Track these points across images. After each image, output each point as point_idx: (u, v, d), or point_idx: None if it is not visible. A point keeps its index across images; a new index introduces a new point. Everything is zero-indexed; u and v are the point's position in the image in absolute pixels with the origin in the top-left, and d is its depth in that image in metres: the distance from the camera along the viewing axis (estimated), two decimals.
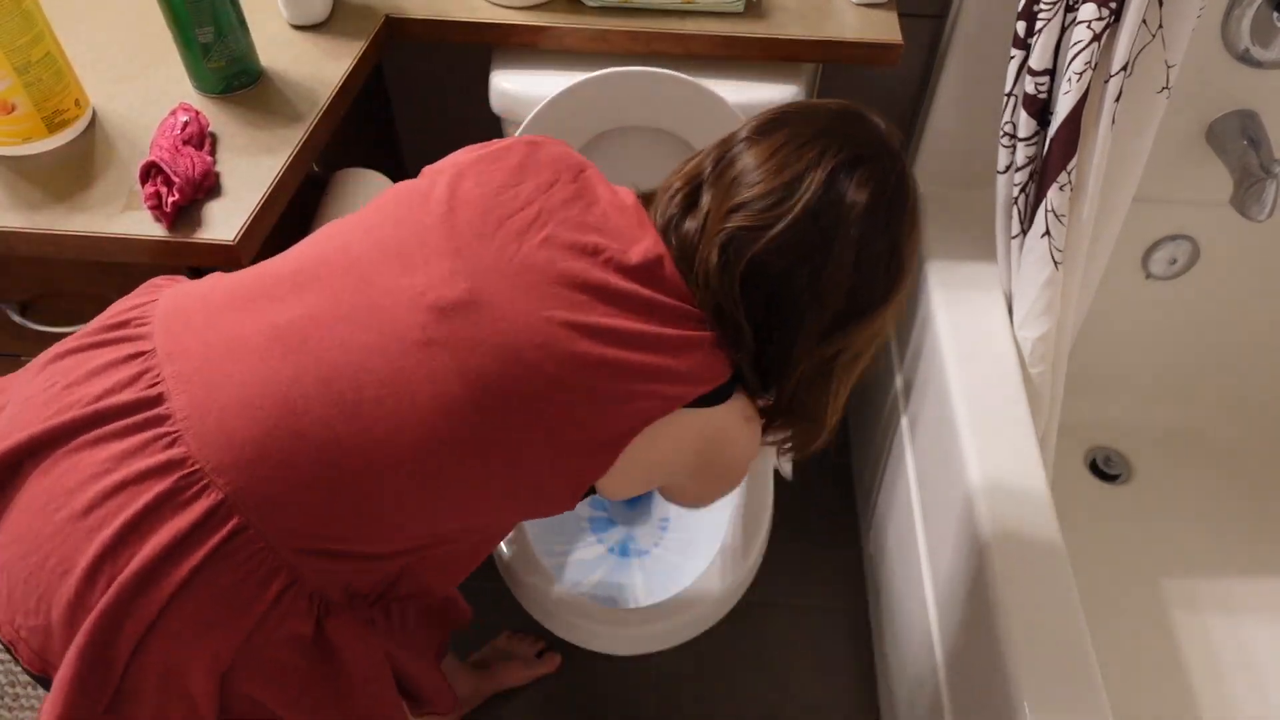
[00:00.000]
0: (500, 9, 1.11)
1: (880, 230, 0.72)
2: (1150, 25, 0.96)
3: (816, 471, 1.75)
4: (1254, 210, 1.22)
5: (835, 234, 0.71)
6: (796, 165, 0.71)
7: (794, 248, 0.71)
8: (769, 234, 0.70)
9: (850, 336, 0.75)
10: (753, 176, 0.72)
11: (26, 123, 0.90)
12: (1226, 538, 1.56)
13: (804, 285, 0.72)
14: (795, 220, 0.70)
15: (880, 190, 0.72)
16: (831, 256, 0.71)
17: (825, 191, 0.70)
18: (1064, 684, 0.89)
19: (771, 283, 0.72)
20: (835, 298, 0.72)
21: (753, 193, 0.71)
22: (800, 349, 0.75)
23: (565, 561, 1.27)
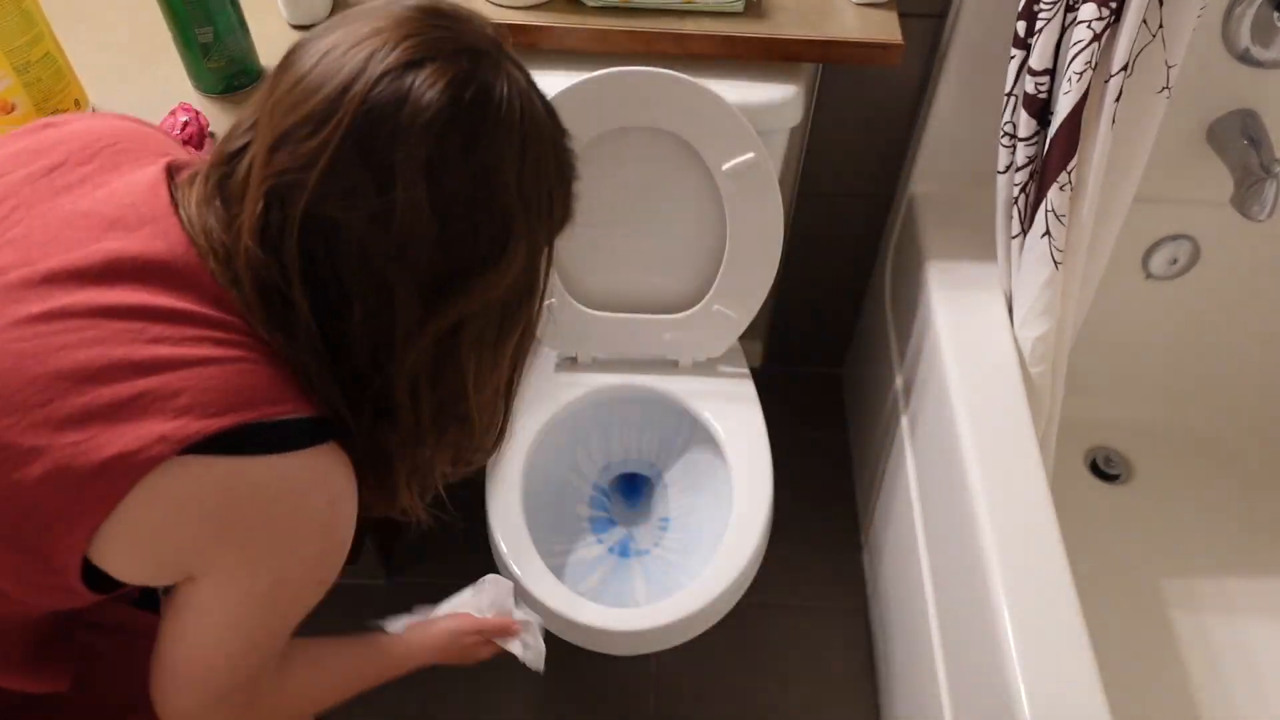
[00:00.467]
0: (500, 9, 1.11)
1: (458, 152, 0.54)
2: (1150, 25, 0.96)
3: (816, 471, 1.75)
4: (1254, 210, 1.22)
5: (393, 162, 0.52)
6: (340, 75, 0.52)
7: (345, 188, 0.52)
8: (314, 172, 0.52)
9: (464, 302, 0.57)
10: (295, 94, 0.53)
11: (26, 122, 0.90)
12: (1226, 538, 1.56)
13: (372, 240, 0.53)
14: (338, 148, 0.52)
15: (453, 99, 0.53)
16: (397, 194, 0.52)
17: (371, 105, 0.51)
18: (1064, 684, 0.89)
19: (334, 245, 0.53)
20: (421, 251, 0.54)
21: (292, 118, 0.52)
22: (400, 331, 0.56)
23: (565, 561, 1.28)
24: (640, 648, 1.14)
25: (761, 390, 1.35)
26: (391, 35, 0.53)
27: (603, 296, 1.31)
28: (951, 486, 1.12)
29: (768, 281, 1.25)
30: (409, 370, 0.58)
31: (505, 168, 0.56)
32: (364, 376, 0.58)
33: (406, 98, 0.52)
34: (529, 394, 1.32)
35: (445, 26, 0.55)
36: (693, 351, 1.35)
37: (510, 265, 0.58)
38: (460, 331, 0.59)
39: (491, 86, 0.55)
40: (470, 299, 0.57)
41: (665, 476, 1.40)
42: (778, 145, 1.18)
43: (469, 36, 0.56)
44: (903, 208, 1.46)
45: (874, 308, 1.62)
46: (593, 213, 1.20)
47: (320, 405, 0.58)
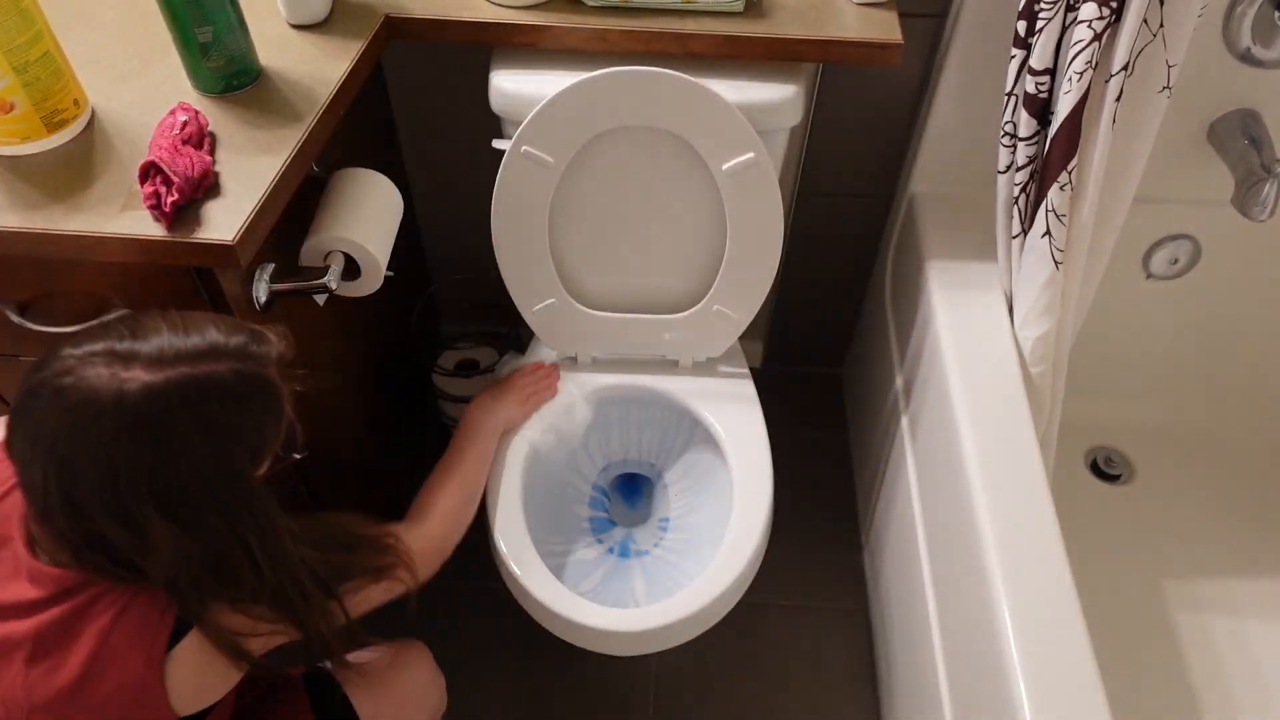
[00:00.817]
0: (500, 9, 1.11)
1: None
2: (1151, 25, 0.96)
3: (816, 472, 1.75)
4: (1255, 210, 1.22)
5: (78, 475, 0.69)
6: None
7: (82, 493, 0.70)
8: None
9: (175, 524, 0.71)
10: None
11: (25, 122, 0.89)
12: (1226, 538, 1.55)
13: (103, 508, 0.70)
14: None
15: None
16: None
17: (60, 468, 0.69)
18: (1064, 684, 0.89)
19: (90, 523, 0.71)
20: (133, 502, 0.70)
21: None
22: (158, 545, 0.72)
23: (565, 562, 1.27)
24: (640, 648, 1.14)
25: (761, 390, 1.35)
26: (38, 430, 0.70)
27: (603, 296, 1.31)
28: (952, 486, 1.11)
29: (768, 281, 1.25)
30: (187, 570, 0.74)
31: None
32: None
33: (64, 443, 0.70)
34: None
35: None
36: (693, 351, 1.35)
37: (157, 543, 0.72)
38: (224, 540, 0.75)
39: (65, 416, 0.69)
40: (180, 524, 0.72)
41: (665, 476, 1.40)
42: (778, 145, 1.18)
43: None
44: (903, 208, 1.46)
45: (874, 308, 1.62)
46: (593, 213, 1.21)
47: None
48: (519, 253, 1.23)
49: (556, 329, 1.32)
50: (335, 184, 1.07)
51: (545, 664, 1.49)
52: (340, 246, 1.02)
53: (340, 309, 1.22)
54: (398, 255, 1.12)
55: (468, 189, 1.54)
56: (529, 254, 1.23)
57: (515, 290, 1.28)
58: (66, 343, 0.71)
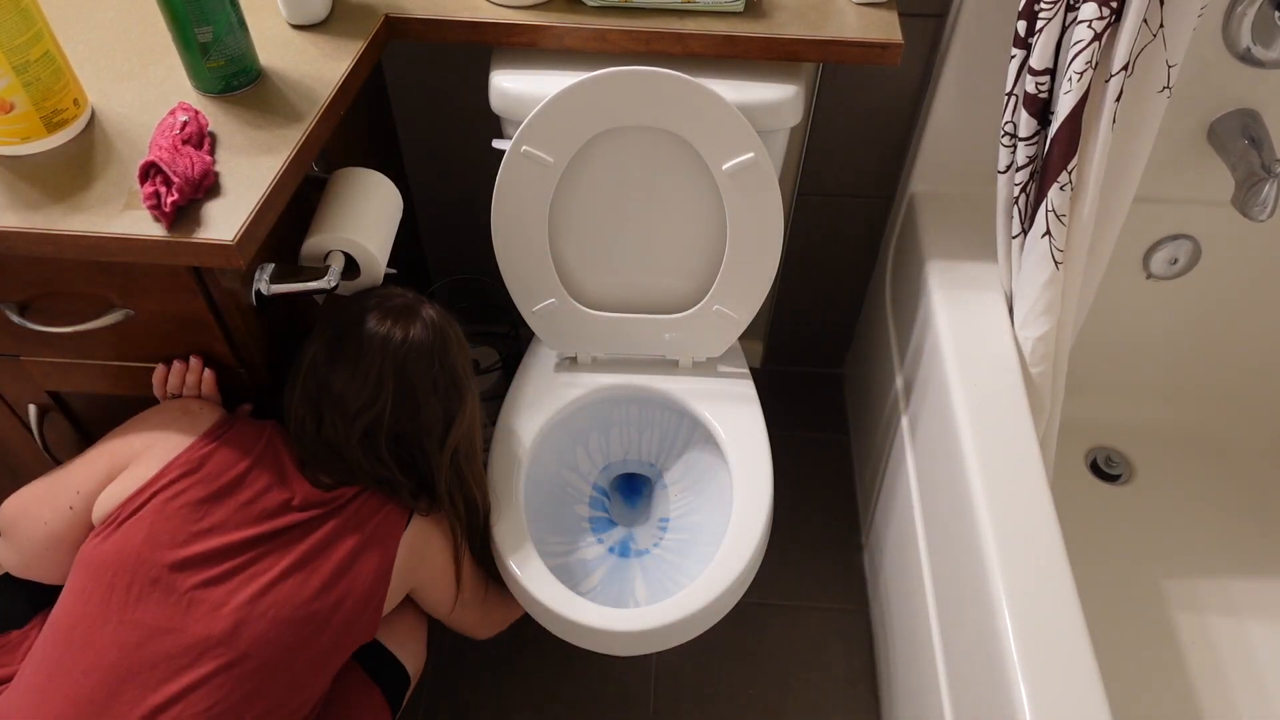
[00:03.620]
0: (500, 8, 1.11)
1: (433, 366, 1.02)
2: (1151, 25, 0.96)
3: (817, 472, 1.75)
4: (1255, 210, 1.22)
5: (416, 388, 1.00)
6: (370, 368, 0.98)
7: (396, 413, 1.00)
8: (384, 416, 0.99)
9: (456, 436, 1.05)
10: (351, 390, 0.98)
11: (25, 122, 0.89)
12: (1226, 538, 1.55)
13: (415, 428, 1.02)
14: (391, 397, 0.99)
15: (422, 342, 1.01)
16: (421, 403, 1.01)
17: (397, 374, 0.99)
18: (1064, 684, 0.89)
19: (397, 439, 1.01)
20: (435, 420, 1.03)
21: (360, 401, 0.98)
22: (434, 463, 1.04)
23: (565, 562, 1.27)
24: (640, 648, 1.14)
25: (761, 390, 1.35)
26: (382, 336, 1.00)
27: (603, 296, 1.31)
28: (952, 486, 1.11)
29: (768, 281, 1.25)
30: (444, 481, 1.07)
31: (456, 362, 1.05)
32: (426, 488, 1.08)
33: (406, 362, 1.01)
34: (529, 394, 1.33)
35: (375, 325, 1.00)
36: (693, 351, 1.35)
37: (467, 410, 1.07)
38: (456, 453, 1.08)
39: (430, 327, 1.03)
40: (455, 436, 1.06)
41: (665, 476, 1.40)
42: (778, 145, 1.18)
43: (410, 306, 1.03)
44: (903, 208, 1.46)
45: (874, 308, 1.62)
46: (593, 213, 1.21)
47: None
48: (519, 253, 1.23)
49: (556, 329, 1.32)
50: (335, 184, 1.07)
51: (545, 664, 1.49)
52: (340, 246, 1.02)
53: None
54: (398, 255, 1.12)
55: (468, 189, 1.55)
56: (529, 254, 1.23)
57: (515, 290, 1.28)
58: (363, 300, 1.02)
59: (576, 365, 1.37)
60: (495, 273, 1.25)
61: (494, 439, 1.28)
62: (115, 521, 0.92)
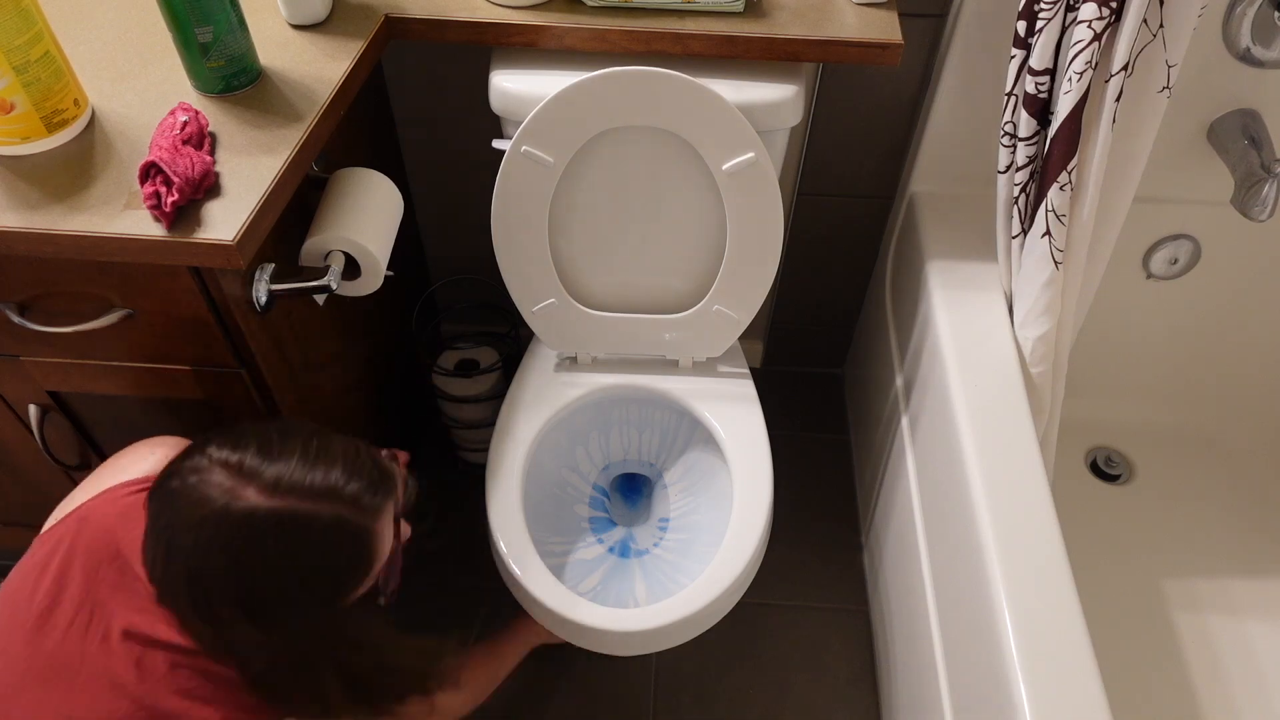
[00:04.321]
0: (500, 8, 1.11)
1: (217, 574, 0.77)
2: (1151, 25, 0.96)
3: (817, 471, 1.75)
4: (1255, 210, 1.22)
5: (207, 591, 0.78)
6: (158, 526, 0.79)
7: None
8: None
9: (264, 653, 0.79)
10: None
11: (25, 122, 0.89)
12: (1226, 538, 1.55)
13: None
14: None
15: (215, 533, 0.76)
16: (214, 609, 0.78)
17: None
18: (1064, 684, 0.89)
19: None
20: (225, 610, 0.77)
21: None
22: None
23: (565, 561, 1.27)
24: (640, 648, 1.14)
25: (761, 390, 1.35)
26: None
27: (603, 296, 1.31)
28: (952, 486, 1.11)
29: (768, 281, 1.25)
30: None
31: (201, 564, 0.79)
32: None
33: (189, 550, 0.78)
34: (529, 394, 1.33)
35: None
36: (693, 351, 1.35)
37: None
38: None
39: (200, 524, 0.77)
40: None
41: (665, 477, 1.40)
42: (778, 145, 1.18)
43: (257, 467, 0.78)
44: (903, 208, 1.46)
45: (874, 308, 1.62)
46: (593, 213, 1.21)
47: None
48: (519, 253, 1.23)
49: (556, 329, 1.32)
50: (335, 184, 1.07)
51: (545, 664, 1.49)
52: (340, 246, 1.02)
53: (340, 309, 1.22)
54: (398, 255, 1.12)
55: (468, 189, 1.55)
56: (529, 254, 1.23)
57: (515, 290, 1.28)
58: (215, 438, 0.79)
59: (576, 365, 1.37)
60: (495, 273, 1.25)
61: (494, 439, 1.28)
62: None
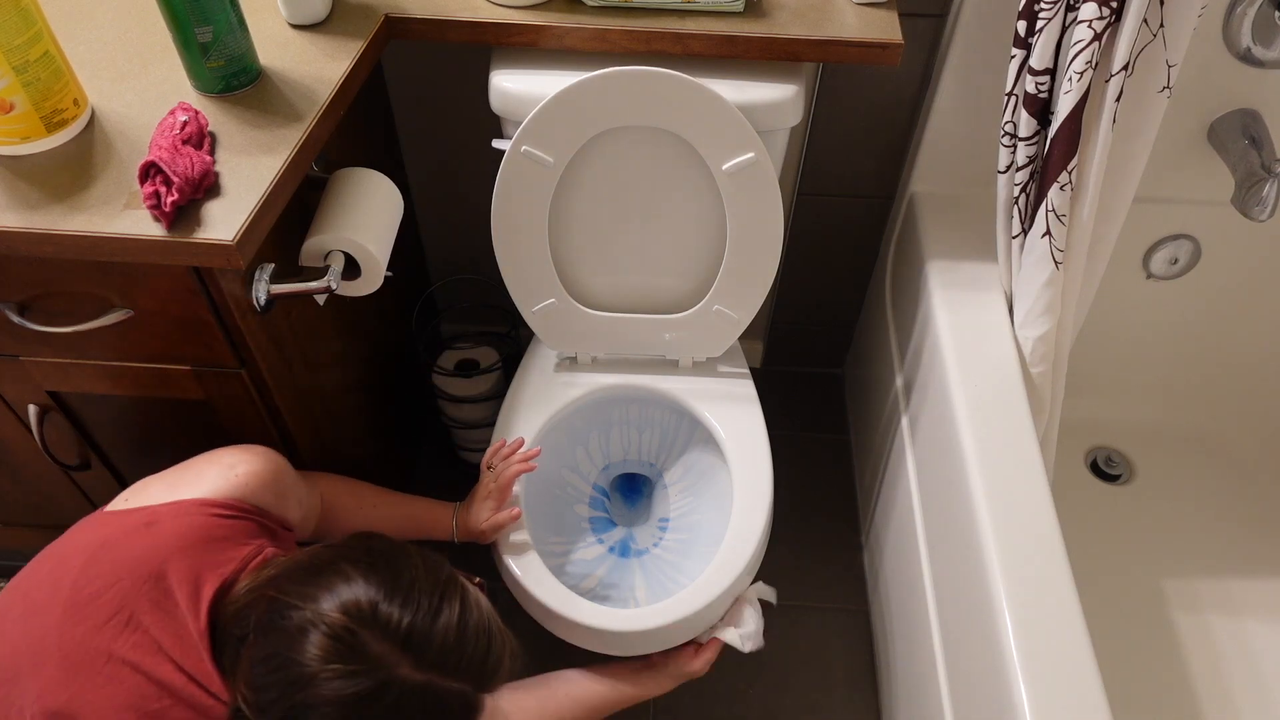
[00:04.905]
0: (500, 8, 1.11)
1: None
2: (1151, 25, 0.96)
3: (817, 472, 1.75)
4: (1255, 210, 1.22)
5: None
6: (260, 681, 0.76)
7: None
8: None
9: None
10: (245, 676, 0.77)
11: (25, 122, 0.89)
12: (1226, 538, 1.55)
13: None
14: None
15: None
16: None
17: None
18: (1064, 684, 0.89)
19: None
20: None
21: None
22: None
23: (565, 562, 1.27)
24: (640, 648, 1.14)
25: (761, 390, 1.35)
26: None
27: (603, 296, 1.31)
28: (952, 487, 1.11)
29: (768, 281, 1.25)
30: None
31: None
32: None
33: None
34: (529, 394, 1.33)
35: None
36: (693, 351, 1.35)
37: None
38: None
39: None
40: None
41: (665, 477, 1.40)
42: (778, 145, 1.18)
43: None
44: (903, 208, 1.46)
45: (874, 308, 1.62)
46: (593, 213, 1.21)
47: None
48: (519, 253, 1.23)
49: (556, 329, 1.32)
50: (335, 184, 1.07)
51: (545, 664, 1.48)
52: (340, 246, 1.02)
53: (340, 309, 1.22)
54: (398, 255, 1.12)
55: (468, 189, 1.55)
56: (529, 254, 1.23)
57: (515, 290, 1.28)
58: (376, 582, 0.76)
59: (576, 365, 1.37)
60: (495, 273, 1.25)
61: (494, 439, 1.28)
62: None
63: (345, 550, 0.81)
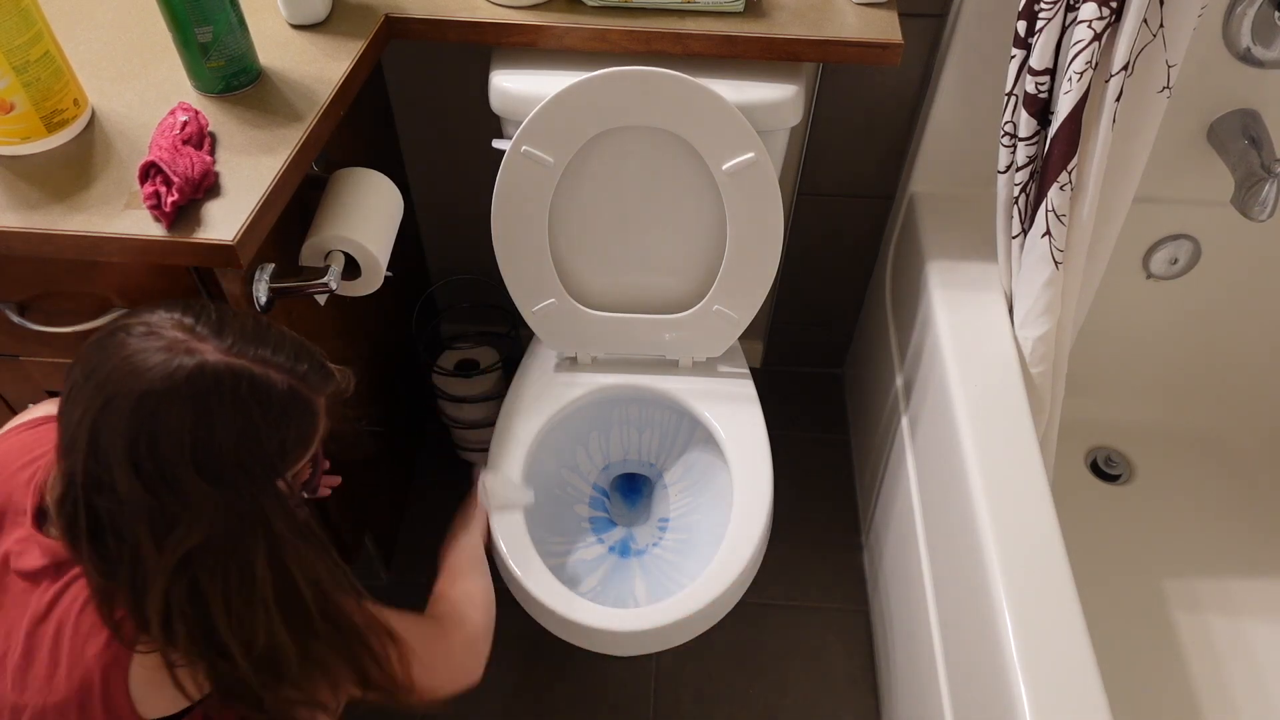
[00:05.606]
0: (500, 8, 1.11)
1: (147, 423, 0.70)
2: (1151, 25, 0.96)
3: (817, 471, 1.75)
4: (1255, 210, 1.22)
5: (106, 448, 0.70)
6: (74, 393, 0.72)
7: (86, 468, 0.71)
8: (76, 468, 0.72)
9: (182, 542, 0.70)
10: (60, 416, 0.73)
11: (25, 122, 0.89)
12: (1226, 538, 1.55)
13: (112, 504, 0.71)
14: (84, 443, 0.71)
15: (154, 383, 0.70)
16: (114, 472, 0.70)
17: (97, 411, 0.70)
18: (1064, 684, 0.89)
19: (90, 510, 0.72)
20: (139, 505, 0.70)
21: (61, 436, 0.73)
22: (146, 568, 0.71)
23: (565, 561, 1.27)
24: (640, 648, 1.14)
25: (761, 390, 1.35)
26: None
27: (603, 296, 1.31)
28: (952, 486, 1.11)
29: (768, 281, 1.25)
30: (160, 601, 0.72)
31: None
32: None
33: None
34: (529, 394, 1.33)
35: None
36: (693, 351, 1.35)
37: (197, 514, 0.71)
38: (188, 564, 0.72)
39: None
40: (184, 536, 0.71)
41: (665, 477, 1.40)
42: (778, 145, 1.18)
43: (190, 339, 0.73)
44: (903, 208, 1.46)
45: (874, 308, 1.62)
46: (593, 213, 1.21)
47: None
48: (519, 253, 1.23)
49: (556, 329, 1.32)
50: (335, 184, 1.07)
51: (545, 664, 1.49)
52: (340, 246, 1.02)
53: (340, 309, 1.22)
54: (398, 255, 1.12)
55: (468, 189, 1.55)
56: (529, 254, 1.22)
57: (515, 290, 1.28)
58: (160, 306, 0.74)
59: (576, 365, 1.37)
60: (495, 273, 1.25)
61: (494, 439, 1.28)
62: None
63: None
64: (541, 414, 1.30)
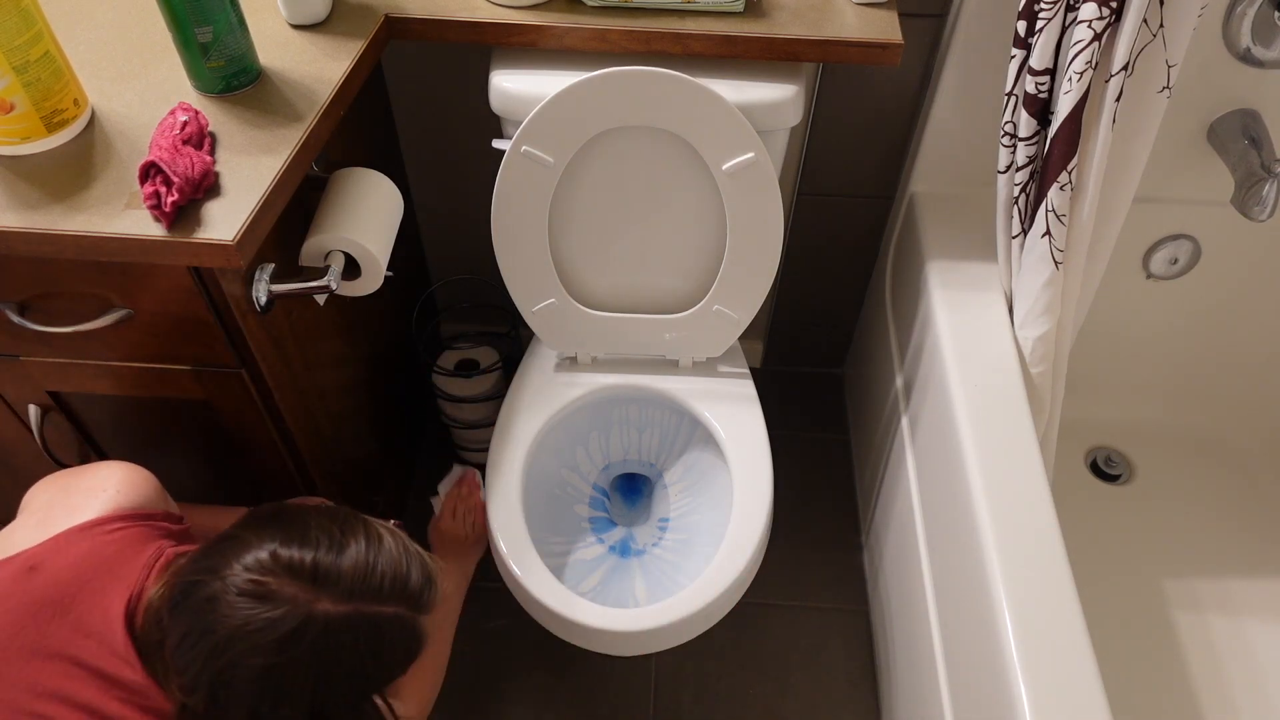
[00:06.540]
0: (500, 8, 1.11)
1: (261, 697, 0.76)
2: (1151, 25, 0.96)
3: (817, 471, 1.75)
4: (1255, 210, 1.22)
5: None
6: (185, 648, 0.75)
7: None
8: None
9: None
10: (169, 654, 0.76)
11: (25, 122, 0.89)
12: (1226, 538, 1.56)
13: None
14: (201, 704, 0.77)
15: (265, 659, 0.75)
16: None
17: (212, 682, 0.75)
18: (1064, 684, 0.89)
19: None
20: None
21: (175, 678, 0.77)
22: None
23: (565, 561, 1.27)
24: (640, 648, 1.14)
25: (761, 390, 1.35)
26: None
27: (603, 296, 1.31)
28: (952, 486, 1.11)
29: (768, 281, 1.25)
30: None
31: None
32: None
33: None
34: (529, 394, 1.33)
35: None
36: (693, 351, 1.35)
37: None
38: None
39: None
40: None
41: (665, 477, 1.40)
42: (778, 145, 1.18)
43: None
44: (903, 208, 1.46)
45: (874, 308, 1.62)
46: (593, 213, 1.21)
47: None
48: (519, 253, 1.23)
49: (556, 329, 1.32)
50: (335, 184, 1.07)
51: (545, 664, 1.49)
52: (340, 246, 1.02)
53: (340, 309, 1.22)
54: (398, 255, 1.12)
55: (468, 189, 1.55)
56: (529, 254, 1.23)
57: (515, 290, 1.28)
58: (270, 532, 0.77)
59: (576, 365, 1.37)
60: (495, 273, 1.25)
61: (494, 439, 1.28)
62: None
63: (239, 523, 0.81)
64: (541, 414, 1.30)
